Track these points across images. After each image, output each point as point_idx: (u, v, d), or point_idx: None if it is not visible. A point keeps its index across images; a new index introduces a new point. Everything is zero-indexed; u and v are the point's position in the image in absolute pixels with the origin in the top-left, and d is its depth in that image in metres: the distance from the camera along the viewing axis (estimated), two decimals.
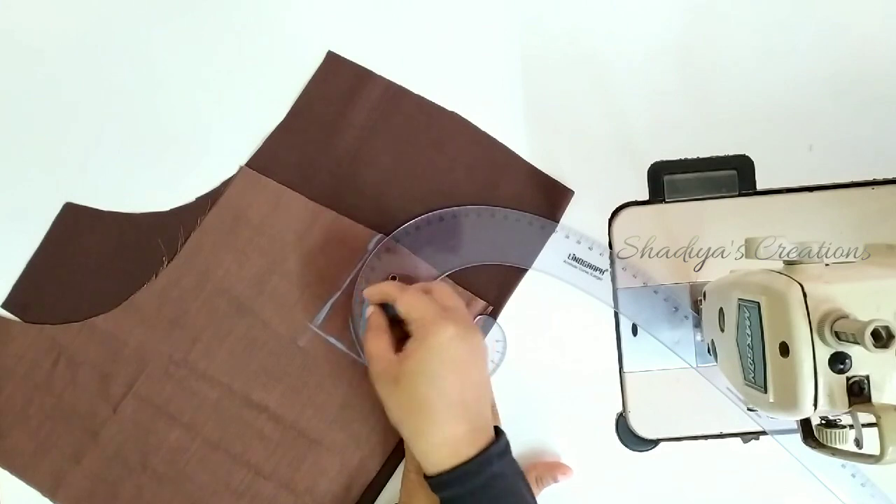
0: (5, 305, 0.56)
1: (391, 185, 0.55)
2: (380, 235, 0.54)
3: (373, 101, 0.56)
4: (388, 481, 0.54)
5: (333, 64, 0.56)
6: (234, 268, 0.55)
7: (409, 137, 0.56)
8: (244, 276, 0.55)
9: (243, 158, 0.56)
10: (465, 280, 0.54)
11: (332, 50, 0.56)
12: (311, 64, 0.56)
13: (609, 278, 0.54)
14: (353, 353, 0.54)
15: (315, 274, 0.55)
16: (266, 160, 0.56)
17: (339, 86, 0.56)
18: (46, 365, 0.55)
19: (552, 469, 0.53)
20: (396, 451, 0.54)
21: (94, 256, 0.56)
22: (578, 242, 0.54)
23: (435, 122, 0.56)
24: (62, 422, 0.55)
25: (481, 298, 0.54)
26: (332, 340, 0.54)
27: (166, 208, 0.56)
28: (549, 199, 0.55)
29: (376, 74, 0.56)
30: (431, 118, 0.56)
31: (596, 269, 0.54)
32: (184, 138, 0.57)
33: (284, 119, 0.56)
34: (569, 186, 0.55)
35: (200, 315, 0.55)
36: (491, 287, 0.54)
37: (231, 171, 0.56)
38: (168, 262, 0.55)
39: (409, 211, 0.55)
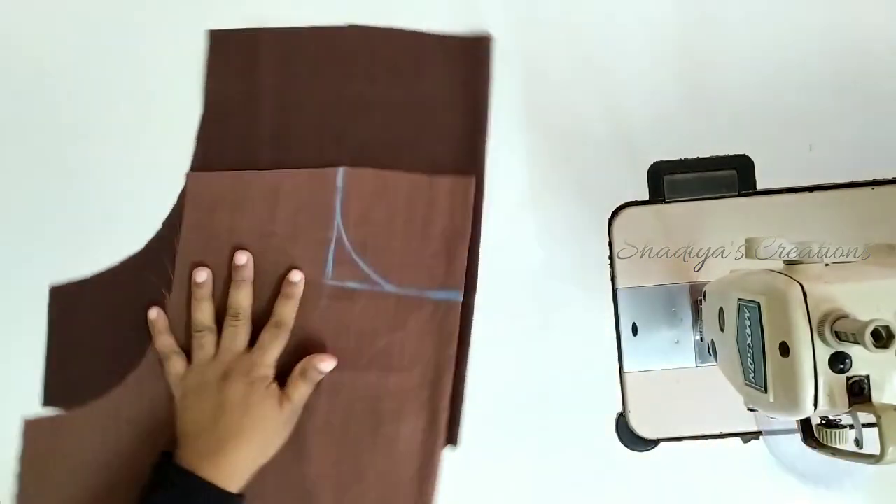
0: (47, 403, 0.55)
1: (327, 121, 0.55)
2: (342, 168, 0.55)
3: (275, 56, 0.56)
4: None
5: (219, 41, 0.56)
6: (229, 262, 0.54)
7: (323, 70, 0.56)
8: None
9: (185, 166, 0.56)
10: None
11: (211, 29, 0.56)
12: (199, 52, 0.56)
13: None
14: (373, 287, 0.54)
15: (304, 233, 0.55)
16: (206, 157, 0.56)
17: (235, 58, 0.56)
18: (111, 436, 0.54)
19: (312, 360, 0.52)
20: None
21: (102, 319, 0.55)
22: None
23: (338, 44, 0.56)
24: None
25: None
26: (351, 284, 0.54)
27: (141, 245, 0.56)
28: (469, 56, 0.55)
29: (264, 29, 0.56)
30: (332, 41, 0.56)
31: None
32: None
33: (203, 113, 0.56)
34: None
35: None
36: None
37: (180, 182, 0.56)
38: (169, 294, 0.55)
39: (353, 136, 0.55)
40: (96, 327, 0.55)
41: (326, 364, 0.52)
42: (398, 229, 0.55)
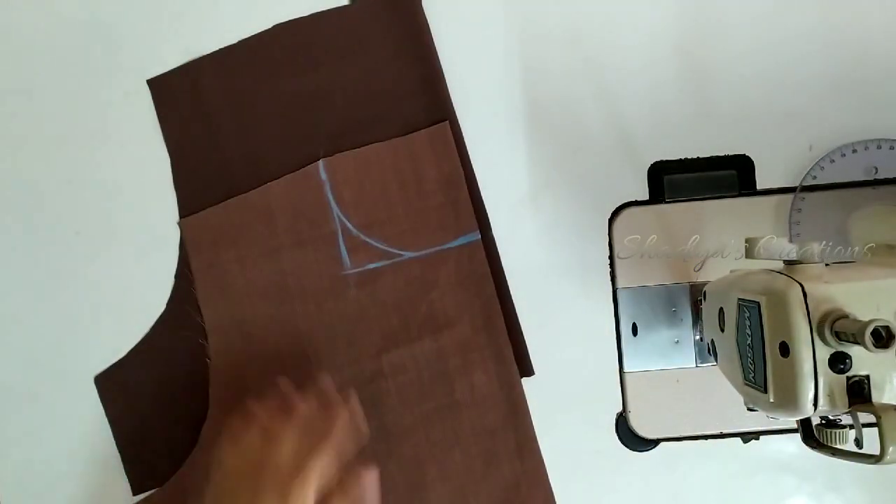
0: (137, 490, 0.55)
1: (289, 123, 0.55)
2: (320, 160, 0.55)
3: (216, 81, 0.55)
4: None
5: (159, 87, 0.56)
6: (250, 290, 0.55)
7: (266, 76, 0.55)
8: (261, 292, 0.55)
9: (175, 217, 0.55)
10: None
11: (148, 78, 0.56)
12: (147, 104, 0.56)
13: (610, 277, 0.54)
14: (393, 260, 0.54)
15: (308, 236, 0.55)
16: (190, 201, 0.55)
17: (182, 98, 0.55)
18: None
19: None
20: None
21: (154, 389, 0.55)
22: None
23: (271, 47, 0.55)
24: None
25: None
26: (371, 265, 0.55)
27: (163, 306, 0.55)
28: (398, 9, 0.54)
29: (194, 61, 0.55)
30: (265, 46, 0.55)
31: None
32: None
33: (172, 161, 0.55)
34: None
35: (268, 347, 0.54)
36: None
37: (176, 233, 0.55)
38: (207, 341, 0.55)
39: (320, 128, 0.55)
40: (152, 399, 0.55)
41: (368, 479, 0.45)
42: (395, 197, 0.55)
